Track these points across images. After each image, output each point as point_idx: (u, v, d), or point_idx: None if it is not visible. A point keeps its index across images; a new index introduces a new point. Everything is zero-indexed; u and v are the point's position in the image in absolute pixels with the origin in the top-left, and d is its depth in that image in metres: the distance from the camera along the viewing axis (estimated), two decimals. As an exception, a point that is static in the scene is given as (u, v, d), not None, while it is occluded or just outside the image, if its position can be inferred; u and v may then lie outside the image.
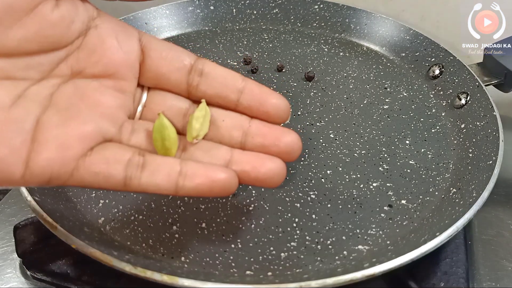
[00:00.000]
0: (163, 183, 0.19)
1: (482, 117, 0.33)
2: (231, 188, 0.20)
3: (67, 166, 0.18)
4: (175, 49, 0.22)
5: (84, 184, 0.19)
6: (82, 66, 0.20)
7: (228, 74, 0.22)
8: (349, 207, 0.28)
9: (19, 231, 0.28)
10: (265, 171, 0.20)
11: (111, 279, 0.26)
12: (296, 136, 0.21)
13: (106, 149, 0.19)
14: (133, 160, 0.19)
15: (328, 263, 0.25)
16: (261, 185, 0.21)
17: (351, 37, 0.44)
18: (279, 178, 0.21)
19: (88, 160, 0.18)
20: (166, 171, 0.19)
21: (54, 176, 0.18)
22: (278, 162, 0.21)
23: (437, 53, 0.40)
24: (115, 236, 0.26)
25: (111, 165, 0.19)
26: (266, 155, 0.21)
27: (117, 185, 0.19)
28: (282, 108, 0.22)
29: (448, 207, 0.27)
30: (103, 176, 0.19)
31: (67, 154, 0.18)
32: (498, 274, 0.29)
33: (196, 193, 0.20)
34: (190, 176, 0.19)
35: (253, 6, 0.46)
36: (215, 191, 0.19)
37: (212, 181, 0.19)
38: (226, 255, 0.25)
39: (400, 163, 0.31)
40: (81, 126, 0.19)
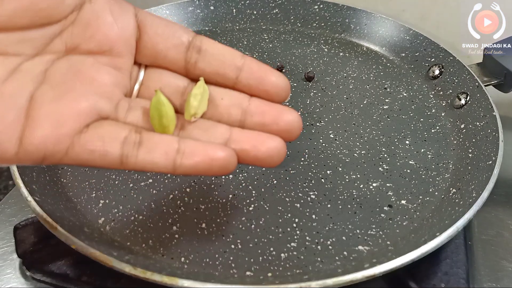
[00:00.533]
0: (160, 161, 0.19)
1: (482, 117, 0.33)
2: (230, 167, 0.19)
3: (61, 144, 0.18)
4: (172, 26, 0.21)
5: (80, 162, 0.18)
6: (76, 41, 0.20)
7: (227, 51, 0.21)
8: (349, 208, 0.28)
9: (19, 231, 0.28)
10: (265, 150, 0.20)
11: (111, 280, 0.26)
12: (296, 115, 0.21)
13: (102, 126, 0.19)
14: (129, 137, 0.19)
15: (328, 264, 0.25)
16: (260, 164, 0.20)
17: (351, 37, 0.44)
18: (279, 157, 0.20)
19: (84, 138, 0.18)
20: (164, 149, 0.19)
21: (48, 154, 0.18)
22: (278, 141, 0.20)
23: (437, 53, 0.40)
24: (115, 236, 0.26)
25: (107, 142, 0.18)
26: (266, 134, 0.20)
27: (114, 163, 0.19)
28: (282, 86, 0.21)
29: (448, 207, 0.27)
30: (99, 154, 0.18)
31: (62, 131, 0.18)
32: (498, 275, 0.29)
33: (194, 172, 0.19)
34: (188, 154, 0.19)
35: (253, 6, 0.46)
36: (214, 169, 0.19)
37: (210, 159, 0.19)
38: (226, 255, 0.25)
39: (400, 163, 0.31)
40: (76, 102, 0.18)
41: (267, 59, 0.41)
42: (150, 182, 0.29)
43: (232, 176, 0.30)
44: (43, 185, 0.27)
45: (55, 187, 0.28)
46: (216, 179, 0.29)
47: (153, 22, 0.21)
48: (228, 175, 0.30)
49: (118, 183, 0.29)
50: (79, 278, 0.26)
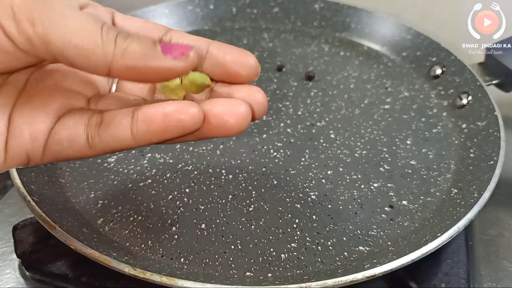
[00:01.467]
0: (118, 132, 0.18)
1: (483, 117, 0.33)
2: (191, 122, 0.18)
3: (38, 141, 0.18)
4: (144, 26, 0.21)
5: (56, 155, 0.19)
6: None
7: (193, 41, 0.21)
8: (350, 208, 0.28)
9: (18, 231, 0.28)
10: (231, 114, 0.19)
11: (110, 280, 0.26)
12: (262, 93, 0.20)
13: (67, 116, 0.19)
14: (91, 119, 0.19)
15: (328, 264, 0.25)
16: (224, 130, 0.19)
17: (351, 36, 0.44)
18: (246, 122, 0.19)
19: (53, 130, 0.19)
20: (118, 120, 0.19)
21: (30, 153, 0.19)
22: (243, 105, 0.19)
23: (438, 53, 0.39)
24: (114, 237, 0.25)
25: (71, 128, 0.19)
26: (230, 100, 0.20)
27: (83, 148, 0.19)
28: (250, 64, 0.20)
29: (449, 208, 0.27)
30: (67, 141, 0.19)
31: (36, 129, 0.18)
32: (499, 275, 0.28)
33: (153, 136, 0.18)
34: (141, 118, 0.18)
35: (253, 5, 0.46)
36: (171, 128, 0.18)
37: (163, 116, 0.18)
38: (225, 256, 0.25)
39: (401, 163, 0.31)
40: (46, 100, 0.19)
41: (267, 58, 0.41)
42: (149, 182, 0.29)
43: (232, 177, 0.29)
44: (41, 186, 0.27)
45: (54, 187, 0.28)
46: (216, 180, 0.29)
47: (125, 23, 0.21)
48: (228, 175, 0.30)
49: (117, 184, 0.29)
50: (78, 278, 0.26)
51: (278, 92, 0.37)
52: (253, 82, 0.40)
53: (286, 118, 0.34)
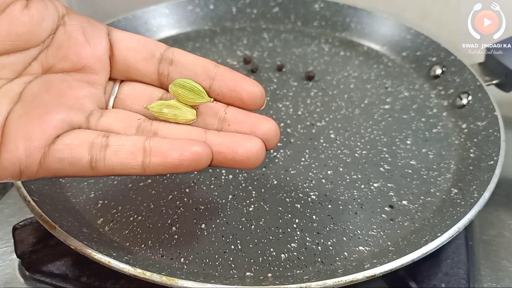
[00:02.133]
0: (127, 161, 0.19)
1: (483, 117, 0.33)
2: (202, 162, 0.19)
3: (34, 156, 0.18)
4: (143, 41, 0.22)
5: (53, 172, 0.19)
6: (51, 62, 0.20)
7: (199, 61, 0.21)
8: (350, 208, 0.28)
9: (18, 231, 0.28)
10: (243, 151, 0.19)
11: (110, 280, 0.26)
12: (274, 124, 0.21)
13: (70, 135, 0.19)
14: (96, 142, 0.19)
15: (328, 264, 0.25)
16: (238, 166, 0.20)
17: (351, 36, 0.44)
18: (258, 159, 0.20)
19: (53, 148, 0.18)
20: (130, 149, 0.19)
21: (23, 167, 0.18)
22: (257, 142, 0.20)
23: (438, 53, 0.39)
24: (114, 237, 0.25)
25: (74, 149, 0.18)
26: (243, 135, 0.20)
27: (84, 169, 0.19)
28: (256, 94, 0.21)
29: (449, 208, 0.27)
30: (69, 162, 0.18)
31: (32, 144, 0.18)
32: (499, 275, 0.28)
33: (164, 169, 0.19)
34: (155, 151, 0.19)
35: (253, 5, 0.46)
36: (185, 165, 0.19)
37: (179, 155, 0.18)
38: (225, 256, 0.25)
39: (401, 163, 0.31)
40: (45, 116, 0.19)
41: (267, 58, 0.41)
42: (149, 182, 0.29)
43: (232, 177, 0.29)
44: (41, 185, 0.27)
45: (54, 187, 0.28)
46: (216, 180, 0.29)
47: (124, 39, 0.22)
48: (228, 176, 0.30)
49: (117, 184, 0.29)
50: (78, 278, 0.26)
51: (278, 92, 0.37)
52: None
53: (286, 118, 0.34)
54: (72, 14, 0.21)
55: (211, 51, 0.41)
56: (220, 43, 0.43)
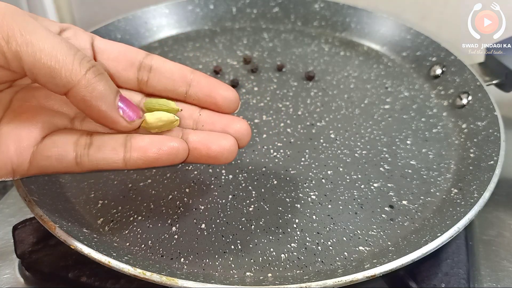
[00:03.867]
0: (110, 156, 0.20)
1: (483, 117, 0.33)
2: (179, 156, 0.20)
3: (23, 155, 0.20)
4: (124, 50, 0.23)
5: (42, 169, 0.20)
6: None
7: (176, 68, 0.23)
8: (350, 208, 0.28)
9: (18, 231, 0.28)
10: (216, 147, 0.21)
11: (110, 280, 0.26)
12: (245, 123, 0.22)
13: (56, 134, 0.21)
14: (80, 140, 0.20)
15: (328, 264, 0.25)
16: (212, 162, 0.21)
17: (351, 36, 0.44)
18: (231, 155, 0.21)
19: (41, 146, 0.20)
20: (112, 145, 0.20)
21: (15, 166, 0.20)
22: (230, 139, 0.21)
23: (438, 53, 0.39)
24: (114, 237, 0.25)
25: (60, 147, 0.20)
26: (217, 133, 0.22)
27: (71, 165, 0.20)
28: (230, 98, 0.22)
29: (449, 208, 0.27)
30: (55, 158, 0.20)
31: (21, 145, 0.20)
32: (499, 275, 0.28)
33: (144, 163, 0.20)
34: (135, 147, 0.20)
35: (253, 5, 0.46)
36: (163, 159, 0.20)
37: (158, 149, 0.20)
38: (225, 256, 0.25)
39: (401, 163, 0.31)
40: (32, 118, 0.20)
41: (267, 58, 0.41)
42: (149, 182, 0.29)
43: (232, 177, 0.29)
44: (41, 185, 0.27)
45: (54, 187, 0.28)
46: (216, 180, 0.29)
47: (106, 49, 0.23)
48: (228, 176, 0.30)
49: (117, 184, 0.29)
50: (78, 278, 0.26)
51: (278, 92, 0.37)
52: (253, 83, 0.40)
53: (286, 118, 0.34)
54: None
55: (211, 51, 0.41)
56: (220, 43, 0.43)
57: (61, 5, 0.59)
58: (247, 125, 0.23)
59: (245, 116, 0.34)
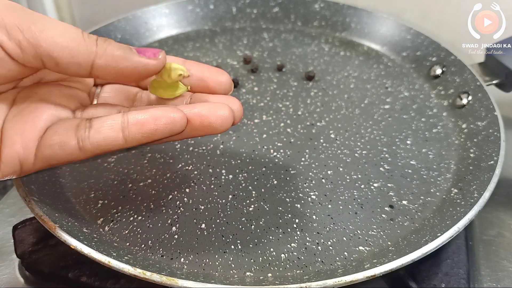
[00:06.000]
0: (109, 134, 0.20)
1: (483, 117, 0.33)
2: (176, 125, 0.21)
3: (29, 148, 0.20)
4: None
5: (48, 160, 0.21)
6: (40, 76, 0.23)
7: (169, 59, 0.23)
8: (350, 208, 0.28)
9: (18, 231, 0.28)
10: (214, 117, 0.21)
11: (110, 280, 0.26)
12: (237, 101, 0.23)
13: (57, 124, 0.21)
14: (81, 125, 0.21)
15: (328, 264, 0.25)
16: (210, 130, 0.22)
17: (351, 36, 0.44)
18: (228, 122, 0.22)
19: (44, 137, 0.21)
20: (110, 124, 0.21)
21: (22, 159, 0.20)
22: (226, 108, 0.22)
23: (438, 53, 0.39)
24: (114, 237, 0.25)
25: (62, 134, 0.20)
26: (213, 103, 0.22)
27: (74, 151, 0.20)
28: (221, 80, 0.23)
29: (449, 208, 0.27)
30: (58, 146, 0.20)
31: (26, 138, 0.20)
32: (499, 275, 0.28)
33: (144, 137, 0.20)
34: (133, 121, 0.20)
35: (253, 5, 0.46)
36: (160, 130, 0.20)
37: (154, 119, 0.20)
38: (225, 256, 0.25)
39: (401, 163, 0.31)
40: (35, 111, 0.21)
41: (267, 58, 0.41)
42: (149, 182, 0.29)
43: (232, 177, 0.29)
44: (41, 185, 0.27)
45: (54, 187, 0.28)
46: (216, 180, 0.29)
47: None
48: (228, 175, 0.30)
49: (117, 183, 0.29)
50: (78, 278, 0.26)
51: (278, 92, 0.37)
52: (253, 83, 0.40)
53: (286, 118, 0.34)
54: None
55: (211, 51, 0.41)
56: (220, 43, 0.43)
57: (61, 5, 0.59)
58: (239, 102, 0.23)
59: (245, 116, 0.34)
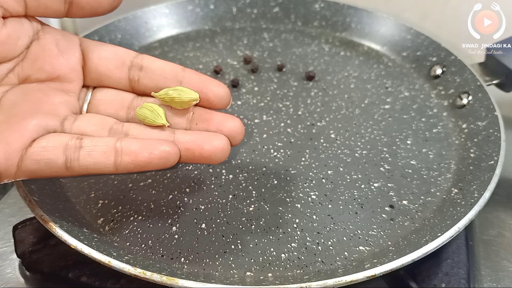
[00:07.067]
0: (100, 160, 0.20)
1: (483, 117, 0.33)
2: (170, 159, 0.20)
3: (12, 159, 0.19)
4: (114, 50, 0.23)
5: (31, 173, 0.20)
6: (27, 73, 0.22)
7: (167, 66, 0.23)
8: (350, 208, 0.28)
9: (18, 231, 0.28)
10: (210, 147, 0.21)
11: (110, 280, 0.26)
12: (238, 122, 0.23)
13: (45, 138, 0.20)
14: (70, 143, 0.20)
15: (328, 264, 0.25)
16: (205, 161, 0.22)
17: (352, 36, 0.44)
18: (224, 154, 0.22)
19: (30, 150, 0.20)
20: (102, 149, 0.20)
21: (2, 170, 0.19)
22: (223, 139, 0.22)
23: (438, 53, 0.39)
24: (114, 236, 0.25)
25: (49, 150, 0.20)
26: (210, 133, 0.22)
27: (60, 170, 0.20)
28: (222, 94, 0.23)
29: (450, 208, 0.27)
30: (45, 162, 0.20)
31: (10, 148, 0.19)
32: (499, 275, 0.28)
33: (135, 167, 0.20)
34: (126, 151, 0.20)
35: (253, 5, 0.46)
36: (154, 163, 0.20)
37: (149, 153, 0.20)
38: (226, 256, 0.25)
39: (402, 163, 0.31)
40: (21, 121, 0.20)
41: (268, 58, 0.41)
42: (149, 182, 0.29)
43: (232, 176, 0.29)
44: (42, 185, 0.27)
45: (54, 187, 0.28)
46: (216, 180, 0.29)
47: (95, 48, 0.23)
48: (228, 175, 0.30)
49: (117, 183, 0.29)
50: (78, 278, 0.26)
51: (278, 92, 0.37)
52: (253, 83, 0.40)
53: (286, 118, 0.34)
54: (46, 28, 0.23)
55: (211, 51, 0.41)
56: (220, 43, 0.43)
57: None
58: (241, 123, 0.23)
59: (245, 116, 0.34)
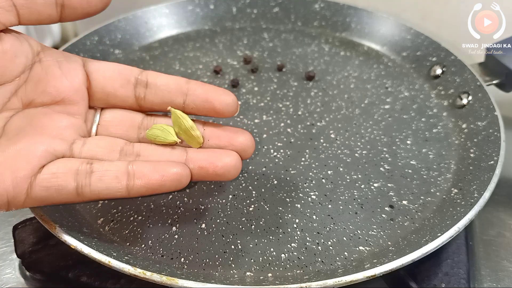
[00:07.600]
0: (112, 185, 0.20)
1: (483, 117, 0.33)
2: (182, 181, 0.21)
3: (20, 186, 0.19)
4: (118, 68, 0.23)
5: (41, 201, 0.20)
6: (30, 97, 0.21)
7: (171, 80, 0.23)
8: (350, 208, 0.28)
9: (18, 231, 0.28)
10: (222, 165, 0.21)
11: (110, 280, 0.26)
12: (249, 136, 0.23)
13: (55, 164, 0.20)
14: (81, 169, 0.20)
15: (328, 264, 0.25)
16: (219, 178, 0.22)
17: (352, 36, 0.44)
18: (236, 170, 0.22)
19: (39, 177, 0.19)
20: (114, 174, 0.20)
21: (11, 197, 0.19)
22: (234, 156, 0.22)
23: (438, 53, 0.39)
24: (114, 236, 0.25)
25: (60, 177, 0.19)
26: (221, 150, 0.22)
27: (71, 196, 0.20)
28: (228, 102, 0.22)
29: (450, 208, 0.27)
30: (55, 189, 0.19)
31: (19, 175, 0.19)
32: (499, 275, 0.28)
33: (148, 190, 0.20)
34: (138, 174, 0.20)
35: (253, 5, 0.46)
36: (167, 185, 0.20)
37: (161, 176, 0.20)
38: (226, 256, 0.25)
39: (401, 163, 0.31)
40: (29, 147, 0.19)
41: (268, 58, 0.41)
42: (149, 182, 0.29)
43: (232, 176, 0.29)
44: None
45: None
46: (216, 179, 0.29)
47: (99, 68, 0.23)
48: (228, 175, 0.29)
49: (117, 183, 0.29)
50: (78, 278, 0.26)
51: (278, 92, 0.37)
52: (253, 83, 0.40)
53: (286, 118, 0.34)
54: (47, 50, 0.22)
55: (211, 51, 0.41)
56: (220, 43, 0.43)
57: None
58: (251, 137, 0.23)
59: (245, 116, 0.34)
